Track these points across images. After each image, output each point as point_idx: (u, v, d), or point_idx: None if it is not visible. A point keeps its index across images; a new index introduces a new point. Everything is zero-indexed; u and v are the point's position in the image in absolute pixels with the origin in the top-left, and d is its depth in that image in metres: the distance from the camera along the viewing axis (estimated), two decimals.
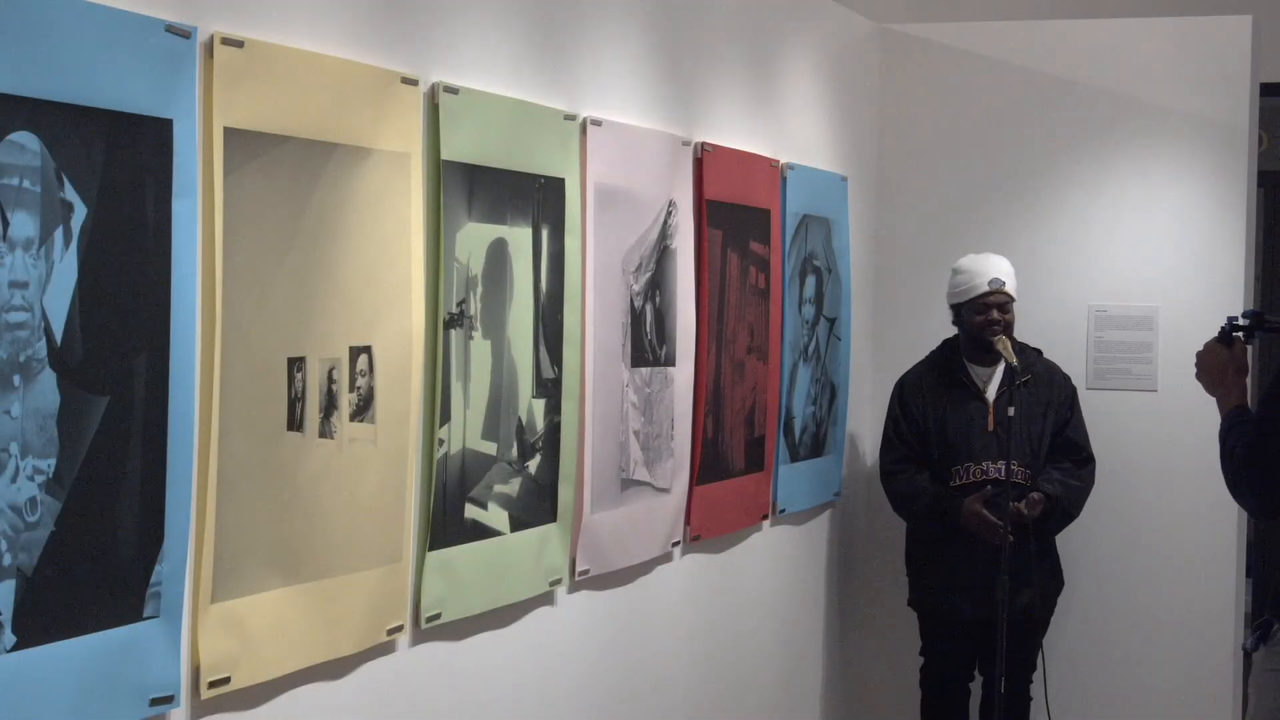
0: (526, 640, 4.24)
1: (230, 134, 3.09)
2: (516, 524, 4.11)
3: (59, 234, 2.71)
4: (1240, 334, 4.24)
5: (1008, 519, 5.72)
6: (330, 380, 3.41)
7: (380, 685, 3.66)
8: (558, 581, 4.34)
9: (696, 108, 5.11)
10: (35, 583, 2.70)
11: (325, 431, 3.40)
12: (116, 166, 2.82)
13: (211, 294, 3.05)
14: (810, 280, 5.94)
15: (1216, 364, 4.20)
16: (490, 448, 4.00)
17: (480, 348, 3.93)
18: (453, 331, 3.82)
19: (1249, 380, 4.30)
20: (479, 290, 3.92)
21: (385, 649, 3.67)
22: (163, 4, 2.94)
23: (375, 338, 3.54)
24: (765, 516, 5.69)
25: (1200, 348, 4.32)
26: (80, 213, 2.75)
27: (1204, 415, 5.04)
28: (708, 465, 5.17)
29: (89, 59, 2.76)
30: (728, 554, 5.46)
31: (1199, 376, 4.27)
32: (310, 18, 3.36)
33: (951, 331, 6.20)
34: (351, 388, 3.47)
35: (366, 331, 3.51)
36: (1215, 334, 4.35)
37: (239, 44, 3.10)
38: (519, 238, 4.08)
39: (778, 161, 5.65)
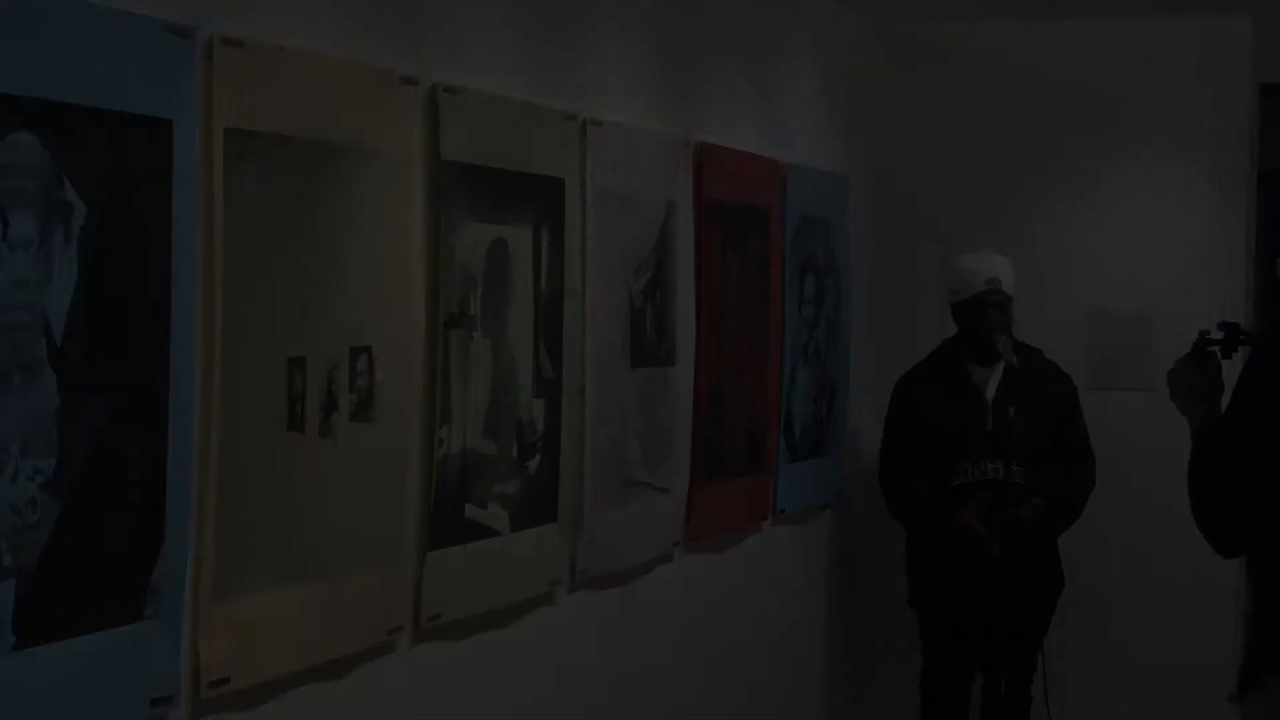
0: (526, 640, 4.23)
1: (230, 134, 3.08)
2: (516, 524, 4.11)
3: (59, 234, 2.71)
4: (1216, 349, 3.83)
5: (998, 530, 5.73)
6: (330, 380, 3.40)
7: (380, 685, 3.66)
8: (558, 581, 4.34)
9: (696, 108, 5.11)
10: (35, 583, 2.69)
11: (325, 431, 3.39)
12: (116, 166, 2.82)
13: (211, 294, 3.05)
14: (810, 280, 5.94)
15: (1188, 384, 3.83)
16: (490, 448, 3.99)
17: (480, 348, 3.93)
18: (453, 331, 3.81)
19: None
20: (479, 290, 3.91)
21: (385, 649, 3.67)
22: (163, 4, 2.93)
23: (375, 338, 3.53)
24: (765, 517, 5.69)
25: (1172, 366, 3.93)
26: (80, 213, 2.75)
27: None
28: (708, 465, 5.16)
29: (89, 59, 2.75)
30: (728, 554, 5.46)
31: (1173, 398, 3.89)
32: (310, 18, 3.36)
33: (952, 331, 6.20)
34: (351, 388, 3.47)
35: (366, 331, 3.51)
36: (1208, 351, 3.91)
37: (239, 44, 3.10)
38: (519, 238, 4.07)
39: (778, 161, 5.65)
